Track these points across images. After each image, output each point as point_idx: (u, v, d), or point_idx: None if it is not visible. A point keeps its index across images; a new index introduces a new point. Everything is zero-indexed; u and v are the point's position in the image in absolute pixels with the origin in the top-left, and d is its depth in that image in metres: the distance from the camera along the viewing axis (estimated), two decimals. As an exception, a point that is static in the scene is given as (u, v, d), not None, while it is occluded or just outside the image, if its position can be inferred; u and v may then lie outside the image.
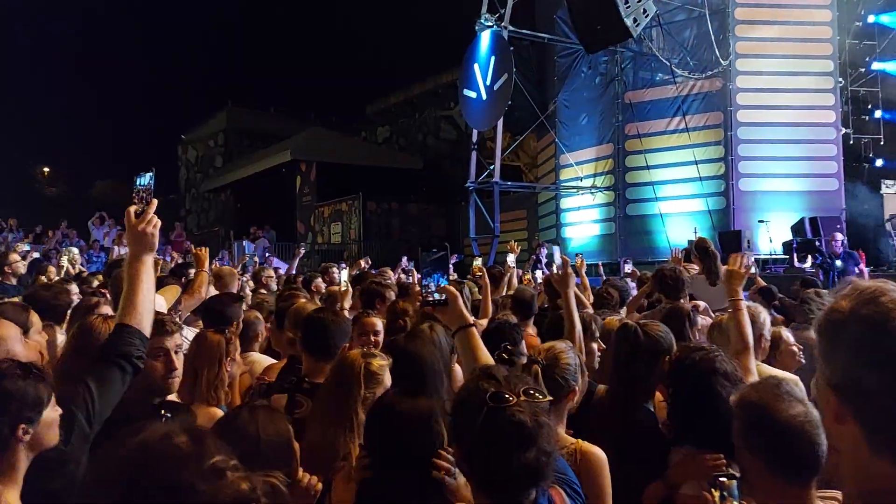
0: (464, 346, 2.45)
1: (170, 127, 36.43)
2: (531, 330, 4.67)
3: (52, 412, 1.96)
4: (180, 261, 9.79)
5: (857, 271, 10.64)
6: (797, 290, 6.31)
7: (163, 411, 2.36)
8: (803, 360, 3.83)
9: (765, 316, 3.72)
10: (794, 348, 3.86)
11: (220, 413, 2.81)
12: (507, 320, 3.83)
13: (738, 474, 1.90)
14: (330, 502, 2.22)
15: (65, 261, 10.08)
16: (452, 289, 2.44)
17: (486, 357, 2.41)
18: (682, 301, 4.89)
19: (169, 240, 23.54)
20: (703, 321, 4.26)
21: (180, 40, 39.04)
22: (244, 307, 4.67)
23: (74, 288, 5.44)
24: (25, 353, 2.48)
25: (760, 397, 1.92)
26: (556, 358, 2.59)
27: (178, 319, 3.17)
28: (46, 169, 40.59)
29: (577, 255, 9.94)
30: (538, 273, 10.46)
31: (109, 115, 37.16)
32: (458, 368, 3.17)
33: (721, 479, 1.82)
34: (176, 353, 2.57)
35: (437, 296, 2.44)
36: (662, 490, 2.47)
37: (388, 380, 2.53)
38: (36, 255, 12.13)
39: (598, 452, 2.40)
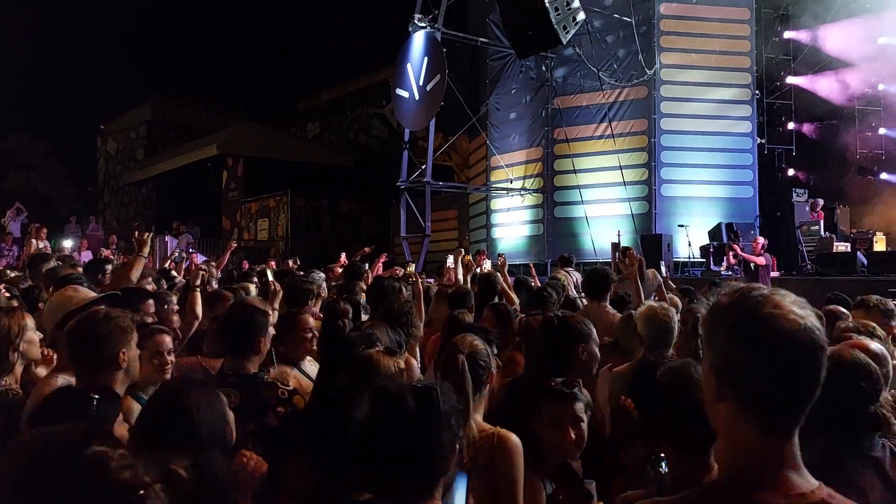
0: None
1: (89, 116, 35.04)
2: None
3: None
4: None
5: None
6: (706, 293, 6.65)
7: (92, 394, 2.33)
8: None
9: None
10: None
11: (136, 406, 2.78)
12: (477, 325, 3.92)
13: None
14: None
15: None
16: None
17: None
18: (602, 301, 5.31)
19: (84, 234, 22.75)
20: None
21: (102, 25, 37.62)
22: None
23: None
24: None
25: (674, 384, 2.09)
26: (474, 347, 2.69)
27: None
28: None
29: (499, 255, 10.15)
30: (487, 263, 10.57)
31: (23, 102, 35.47)
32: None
33: (659, 454, 2.08)
34: None
35: None
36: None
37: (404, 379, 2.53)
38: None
39: (515, 439, 2.45)
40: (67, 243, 16.83)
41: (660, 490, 2.02)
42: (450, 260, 7.68)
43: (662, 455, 2.08)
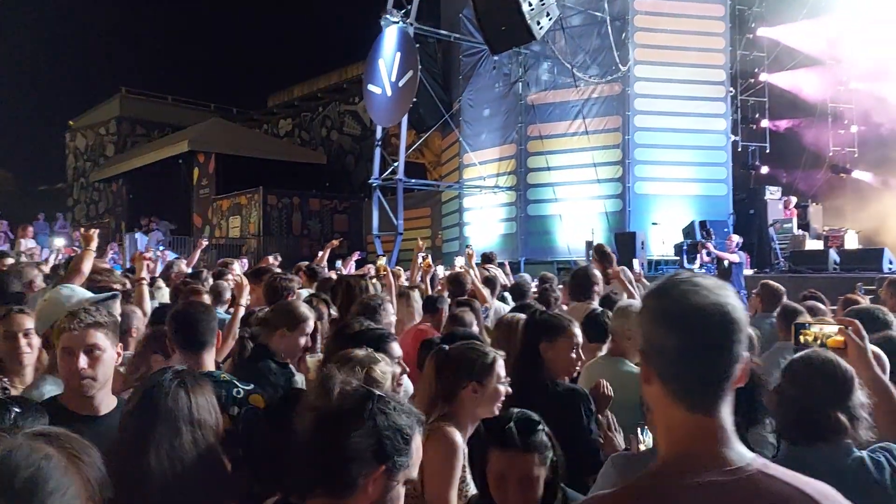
0: None
1: (57, 112, 34.42)
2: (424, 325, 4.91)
3: None
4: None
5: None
6: None
7: (10, 405, 2.11)
8: None
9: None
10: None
11: None
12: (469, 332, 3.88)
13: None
14: None
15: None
16: None
17: None
18: (590, 302, 5.21)
19: (52, 231, 22.35)
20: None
21: (70, 19, 36.91)
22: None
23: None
24: None
25: None
26: (460, 348, 2.65)
27: None
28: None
29: (467, 247, 9.97)
30: (440, 269, 10.37)
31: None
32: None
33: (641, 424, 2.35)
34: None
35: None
36: None
37: (388, 387, 2.39)
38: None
39: (449, 437, 2.40)
40: (60, 241, 16.41)
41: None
42: (420, 258, 7.57)
43: (644, 423, 2.27)
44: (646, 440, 2.26)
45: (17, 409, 2.12)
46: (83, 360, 2.42)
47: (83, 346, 2.44)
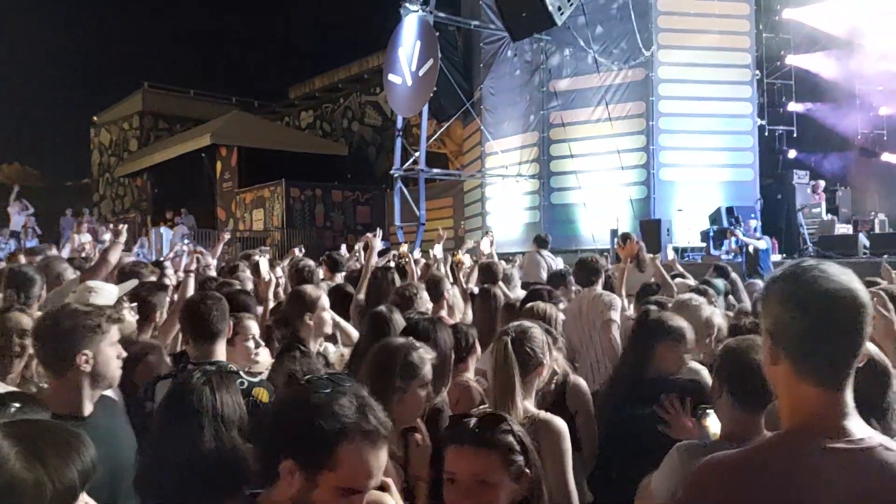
0: None
1: (82, 108, 34.80)
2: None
3: None
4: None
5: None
6: (710, 277, 6.52)
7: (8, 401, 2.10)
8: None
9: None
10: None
11: None
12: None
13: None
14: None
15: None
16: None
17: None
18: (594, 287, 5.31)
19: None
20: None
21: (93, 17, 37.24)
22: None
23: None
24: None
25: (738, 345, 2.35)
26: (525, 332, 2.70)
27: None
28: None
29: (486, 233, 9.87)
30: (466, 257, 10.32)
31: (17, 94, 35.19)
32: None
33: (704, 408, 2.40)
34: None
35: None
36: None
37: (427, 374, 2.40)
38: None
39: (557, 422, 2.52)
40: (107, 236, 16.69)
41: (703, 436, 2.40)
42: (437, 249, 7.43)
43: (710, 409, 2.32)
44: (710, 424, 2.35)
45: (17, 405, 2.09)
46: None
47: None
